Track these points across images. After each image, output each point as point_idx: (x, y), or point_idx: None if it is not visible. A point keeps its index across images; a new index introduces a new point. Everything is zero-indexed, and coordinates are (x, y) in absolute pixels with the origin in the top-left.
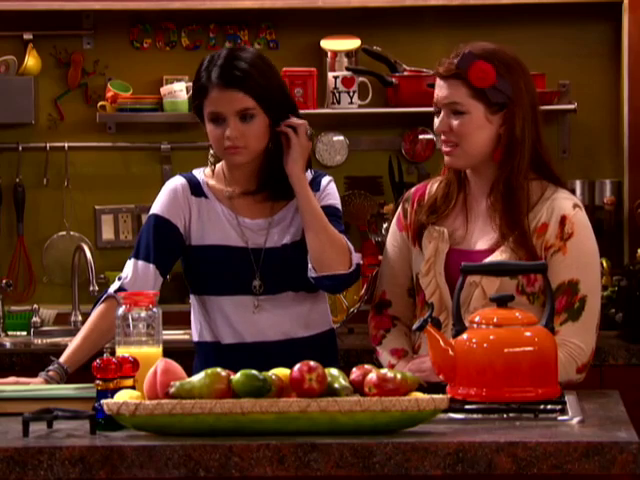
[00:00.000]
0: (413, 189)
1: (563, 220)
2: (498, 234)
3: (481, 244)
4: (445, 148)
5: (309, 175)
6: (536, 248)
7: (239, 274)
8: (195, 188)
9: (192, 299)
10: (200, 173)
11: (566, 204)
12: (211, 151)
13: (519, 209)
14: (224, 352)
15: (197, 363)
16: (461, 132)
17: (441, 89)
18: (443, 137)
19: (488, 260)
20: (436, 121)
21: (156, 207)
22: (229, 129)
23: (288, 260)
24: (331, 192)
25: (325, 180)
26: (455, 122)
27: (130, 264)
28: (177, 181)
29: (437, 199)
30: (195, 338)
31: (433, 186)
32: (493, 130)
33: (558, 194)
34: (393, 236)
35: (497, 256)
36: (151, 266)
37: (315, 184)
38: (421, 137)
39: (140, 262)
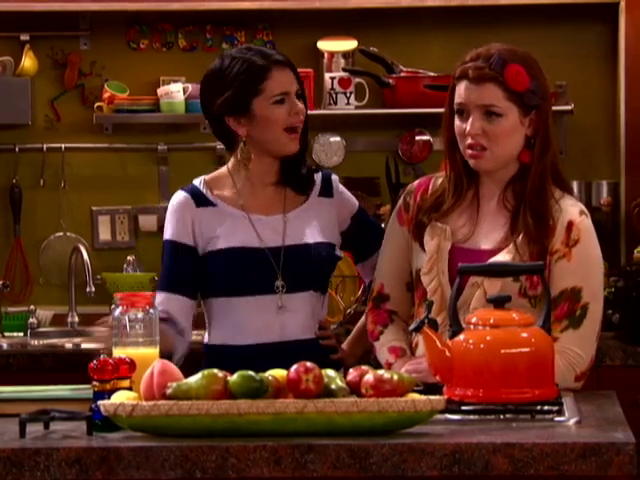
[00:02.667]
0: (416, 183)
1: (570, 226)
2: (506, 233)
3: (487, 243)
4: (471, 151)
5: (317, 175)
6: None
7: (259, 275)
8: (199, 200)
9: (206, 303)
10: (200, 184)
11: (573, 210)
12: (243, 155)
13: (547, 207)
14: (238, 354)
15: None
16: (495, 135)
17: (471, 92)
18: (471, 140)
19: (491, 261)
20: (457, 122)
21: (168, 232)
22: (296, 105)
23: (311, 258)
24: (348, 198)
25: (335, 183)
26: (489, 125)
27: (162, 297)
28: (179, 198)
29: (443, 194)
30: (210, 341)
31: (437, 181)
32: (523, 132)
33: (565, 200)
34: (393, 230)
35: (502, 256)
36: (183, 298)
37: (327, 189)
38: (418, 138)
39: (171, 295)
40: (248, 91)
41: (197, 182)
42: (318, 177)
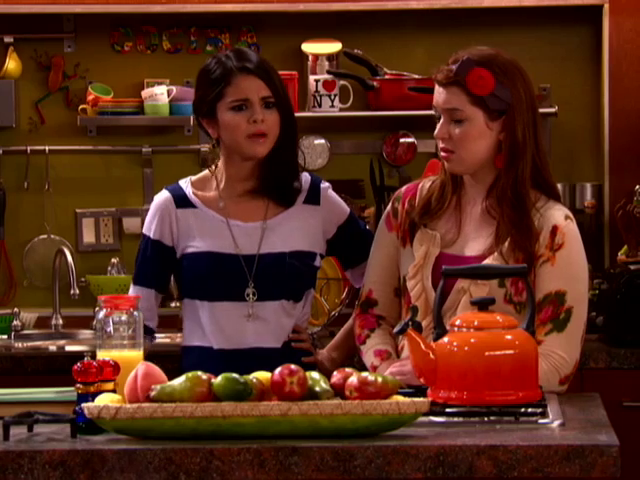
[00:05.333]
0: (404, 188)
1: (554, 230)
2: (492, 239)
3: (472, 250)
4: (443, 154)
5: (306, 181)
6: None
7: (231, 281)
8: (180, 200)
9: (183, 303)
10: (186, 183)
11: (558, 215)
12: (216, 157)
13: (527, 213)
14: (214, 358)
15: (185, 368)
16: (460, 140)
17: (440, 95)
18: (441, 144)
19: None
20: (438, 126)
21: (147, 227)
22: (257, 113)
23: (285, 268)
24: (337, 206)
25: (323, 191)
26: (455, 129)
27: (130, 291)
28: (162, 197)
29: (432, 198)
30: (184, 342)
31: (425, 185)
32: (493, 137)
33: (550, 204)
34: (381, 235)
35: (488, 263)
36: (152, 291)
37: (314, 196)
38: (402, 140)
39: (142, 289)
40: (212, 95)
41: (183, 182)
42: (306, 183)
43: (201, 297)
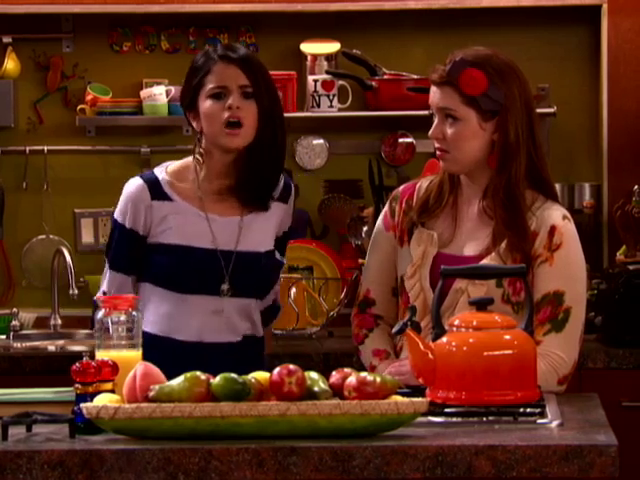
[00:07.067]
0: (401, 188)
1: (552, 230)
2: (489, 240)
3: (470, 250)
4: (438, 153)
5: (280, 182)
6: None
7: (206, 275)
8: (156, 191)
9: (148, 290)
10: (162, 173)
11: (556, 215)
12: (199, 149)
13: (521, 214)
14: (174, 348)
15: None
16: (453, 140)
17: (435, 94)
18: (436, 144)
19: None
20: (432, 126)
21: (120, 216)
22: (232, 99)
23: (261, 269)
24: (292, 212)
25: (292, 194)
26: (449, 129)
27: (109, 276)
28: (135, 186)
29: (430, 196)
30: (146, 328)
31: (423, 185)
32: (486, 137)
33: (548, 204)
34: (379, 235)
35: (486, 263)
36: (130, 278)
37: (286, 195)
38: (401, 140)
39: (119, 275)
40: (193, 85)
41: (158, 172)
42: (280, 180)
43: (170, 288)
